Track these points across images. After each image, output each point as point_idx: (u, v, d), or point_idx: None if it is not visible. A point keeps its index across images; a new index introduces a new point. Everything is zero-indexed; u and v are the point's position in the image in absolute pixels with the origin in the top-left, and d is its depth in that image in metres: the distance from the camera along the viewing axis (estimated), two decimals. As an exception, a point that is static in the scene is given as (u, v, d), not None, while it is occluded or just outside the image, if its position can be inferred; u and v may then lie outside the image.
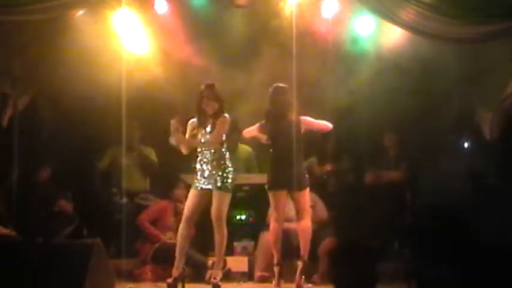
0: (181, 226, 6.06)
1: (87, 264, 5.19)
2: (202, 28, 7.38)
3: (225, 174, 6.02)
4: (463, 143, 7.48)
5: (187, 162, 6.67)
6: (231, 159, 5.97)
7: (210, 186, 6.02)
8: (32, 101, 6.98)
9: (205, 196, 6.03)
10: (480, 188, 6.83)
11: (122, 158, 7.52)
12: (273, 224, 6.27)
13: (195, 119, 6.12)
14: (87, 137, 7.53)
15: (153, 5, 7.24)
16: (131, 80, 6.95)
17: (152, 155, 7.85)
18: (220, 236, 5.97)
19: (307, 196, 6.30)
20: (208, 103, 6.02)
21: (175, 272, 6.00)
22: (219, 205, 5.95)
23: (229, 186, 6.03)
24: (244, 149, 7.80)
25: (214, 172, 6.00)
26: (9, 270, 5.05)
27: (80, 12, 6.70)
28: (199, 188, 6.05)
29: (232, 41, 7.52)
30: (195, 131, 6.10)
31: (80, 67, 6.86)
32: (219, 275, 6.04)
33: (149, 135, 7.84)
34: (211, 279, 6.04)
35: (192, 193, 6.09)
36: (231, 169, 6.07)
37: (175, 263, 6.02)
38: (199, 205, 6.06)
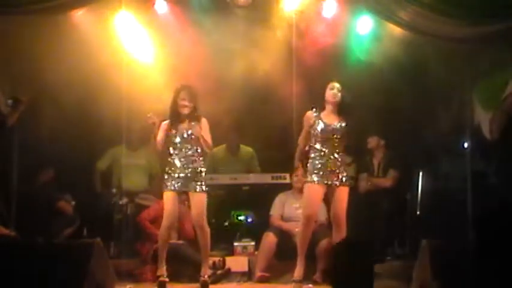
0: None
1: (87, 264, 5.19)
2: (202, 28, 7.38)
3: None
4: (463, 143, 7.47)
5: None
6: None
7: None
8: (32, 101, 6.98)
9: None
10: (480, 188, 6.84)
11: (121, 158, 7.53)
12: None
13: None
14: (87, 137, 7.53)
15: (153, 5, 7.25)
16: (131, 79, 6.96)
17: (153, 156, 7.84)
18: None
19: None
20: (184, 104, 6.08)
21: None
22: None
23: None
24: (246, 149, 7.80)
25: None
26: (9, 270, 5.04)
27: (80, 12, 6.71)
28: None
29: (232, 41, 7.52)
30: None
31: (80, 67, 6.87)
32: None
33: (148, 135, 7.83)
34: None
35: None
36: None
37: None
38: None
